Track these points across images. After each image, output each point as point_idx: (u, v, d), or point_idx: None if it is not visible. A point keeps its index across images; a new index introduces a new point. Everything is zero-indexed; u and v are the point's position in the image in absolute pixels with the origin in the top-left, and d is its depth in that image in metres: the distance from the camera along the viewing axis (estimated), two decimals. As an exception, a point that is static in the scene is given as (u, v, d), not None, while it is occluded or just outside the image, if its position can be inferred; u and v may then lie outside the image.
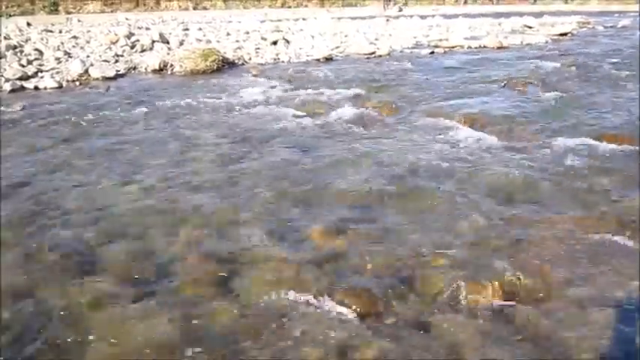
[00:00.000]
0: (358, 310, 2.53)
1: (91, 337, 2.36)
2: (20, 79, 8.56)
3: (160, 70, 10.14)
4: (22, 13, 21.90)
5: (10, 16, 20.48)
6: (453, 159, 4.71)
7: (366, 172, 4.38)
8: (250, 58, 11.62)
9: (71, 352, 2.28)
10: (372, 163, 4.62)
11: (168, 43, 12.50)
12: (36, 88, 8.45)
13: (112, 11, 25.25)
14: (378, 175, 4.30)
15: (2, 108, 6.87)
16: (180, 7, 28.23)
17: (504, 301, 2.61)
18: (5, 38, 11.48)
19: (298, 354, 2.24)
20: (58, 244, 3.18)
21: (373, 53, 12.49)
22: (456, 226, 3.38)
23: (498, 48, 13.52)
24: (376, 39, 14.79)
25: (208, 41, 13.10)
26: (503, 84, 8.27)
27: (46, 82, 8.61)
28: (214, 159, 4.84)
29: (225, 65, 10.58)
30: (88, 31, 14.26)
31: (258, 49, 12.49)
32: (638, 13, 25.77)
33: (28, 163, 4.72)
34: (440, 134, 5.53)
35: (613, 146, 4.87)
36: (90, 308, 2.56)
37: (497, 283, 2.70)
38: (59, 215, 3.61)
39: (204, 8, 28.69)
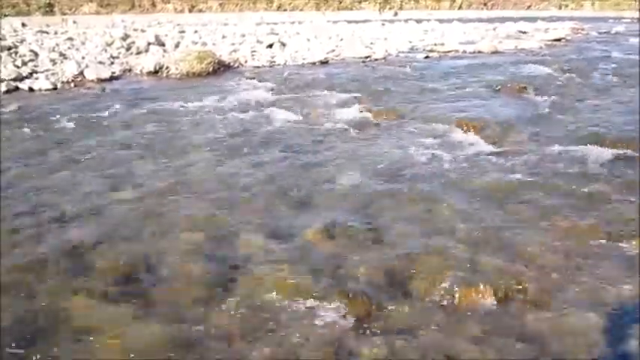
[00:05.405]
0: (354, 312, 2.53)
1: (90, 338, 2.36)
2: (15, 80, 8.52)
3: (156, 72, 10.12)
4: (17, 14, 21.77)
5: (5, 16, 20.37)
6: (448, 163, 4.73)
7: (361, 176, 4.39)
8: (246, 61, 11.61)
9: (71, 353, 2.28)
10: (366, 167, 4.64)
11: (163, 45, 12.48)
12: (30, 89, 8.41)
13: (107, 13, 25.15)
14: (373, 179, 4.32)
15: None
16: (175, 9, 28.15)
17: (499, 304, 2.63)
18: (0, 39, 11.43)
19: (294, 356, 2.25)
20: (54, 245, 3.17)
21: (369, 57, 12.53)
22: (451, 229, 3.40)
23: (493, 53, 13.59)
24: (372, 43, 14.82)
25: (204, 44, 13.09)
26: (497, 89, 8.31)
27: (41, 83, 8.57)
28: (210, 162, 4.84)
29: (221, 68, 10.58)
30: (84, 33, 14.21)
31: (254, 52, 12.49)
32: (633, 19, 25.96)
33: (24, 165, 4.71)
34: (434, 138, 5.56)
35: (608, 151, 4.90)
36: (88, 310, 2.56)
37: (491, 286, 2.72)
38: (55, 217, 3.60)
39: (200, 11, 28.61)
